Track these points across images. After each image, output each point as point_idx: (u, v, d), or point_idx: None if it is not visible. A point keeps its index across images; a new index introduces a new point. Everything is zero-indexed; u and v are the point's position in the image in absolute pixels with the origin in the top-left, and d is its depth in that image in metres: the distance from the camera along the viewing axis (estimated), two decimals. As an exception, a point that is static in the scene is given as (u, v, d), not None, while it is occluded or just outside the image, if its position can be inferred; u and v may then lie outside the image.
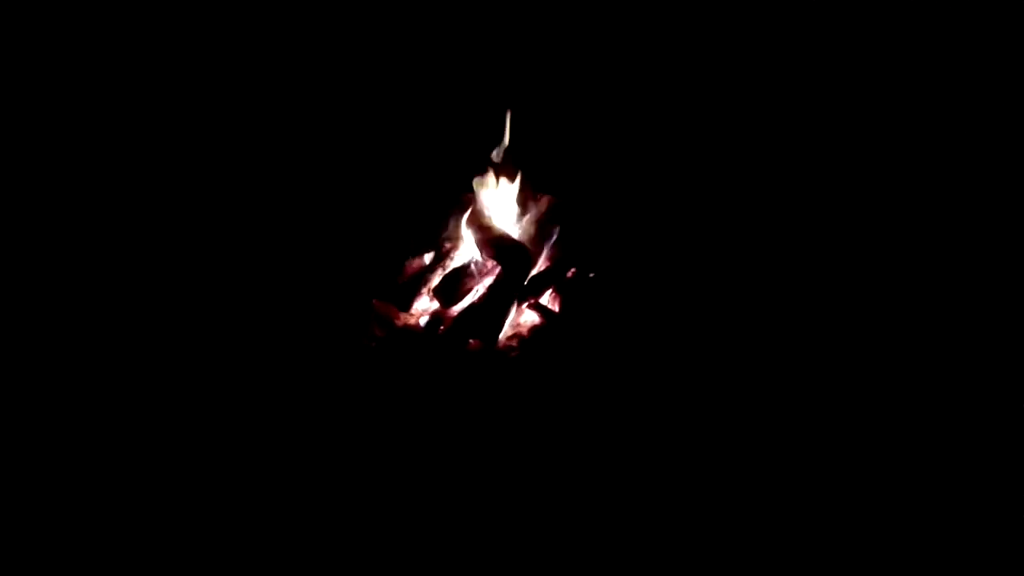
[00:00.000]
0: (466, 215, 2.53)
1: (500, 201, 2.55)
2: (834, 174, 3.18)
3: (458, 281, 2.43)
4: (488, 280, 2.44)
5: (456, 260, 2.52)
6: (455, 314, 2.40)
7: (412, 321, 2.43)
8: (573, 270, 2.48)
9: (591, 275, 2.48)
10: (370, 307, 2.47)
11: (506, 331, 2.37)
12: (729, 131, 3.35)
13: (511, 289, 2.39)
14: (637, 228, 2.83)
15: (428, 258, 2.53)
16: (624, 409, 2.23)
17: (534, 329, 2.39)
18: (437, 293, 2.42)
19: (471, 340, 2.34)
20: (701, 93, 3.45)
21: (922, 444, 2.21)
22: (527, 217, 2.53)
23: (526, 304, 2.42)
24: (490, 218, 2.53)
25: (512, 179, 2.51)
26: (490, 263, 2.45)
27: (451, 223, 2.56)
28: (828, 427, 2.24)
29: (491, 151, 2.53)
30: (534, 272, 2.46)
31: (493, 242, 2.45)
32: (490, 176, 2.51)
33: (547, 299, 2.45)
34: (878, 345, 2.49)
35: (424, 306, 2.46)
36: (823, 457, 2.16)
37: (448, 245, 2.52)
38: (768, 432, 2.21)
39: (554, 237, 2.48)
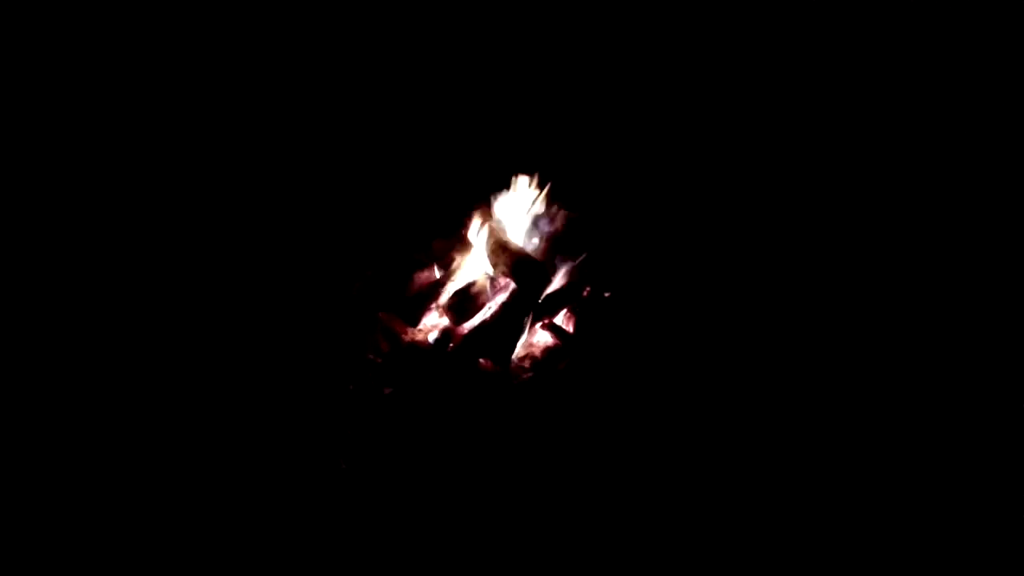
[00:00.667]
0: (480, 228, 2.45)
1: (516, 215, 2.46)
2: (850, 185, 3.15)
3: (470, 297, 2.34)
4: (501, 297, 2.36)
5: (468, 275, 2.42)
6: (466, 331, 2.32)
7: (420, 337, 2.33)
8: (589, 289, 2.40)
9: (607, 295, 2.40)
10: (376, 320, 2.37)
11: (519, 351, 2.29)
12: (743, 146, 3.30)
13: (525, 307, 2.31)
14: (653, 246, 2.76)
15: (438, 271, 2.44)
16: (636, 432, 2.17)
17: (548, 350, 2.31)
18: (448, 309, 2.33)
19: (482, 359, 2.25)
20: (718, 108, 3.40)
21: (922, 444, 2.19)
22: (543, 232, 2.44)
23: (540, 324, 2.34)
24: (505, 232, 2.44)
25: (530, 193, 2.42)
26: (504, 280, 2.37)
27: (464, 236, 2.47)
28: (835, 434, 2.22)
29: (509, 164, 2.46)
30: (549, 290, 2.37)
31: (507, 258, 2.36)
32: (508, 190, 2.43)
33: (562, 319, 2.37)
34: (883, 348, 2.48)
35: (433, 322, 2.37)
36: (829, 463, 2.14)
37: (460, 259, 2.43)
38: (773, 444, 2.19)
39: (579, 257, 2.39)
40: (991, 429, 2.24)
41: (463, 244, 2.46)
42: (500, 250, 2.38)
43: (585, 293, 2.39)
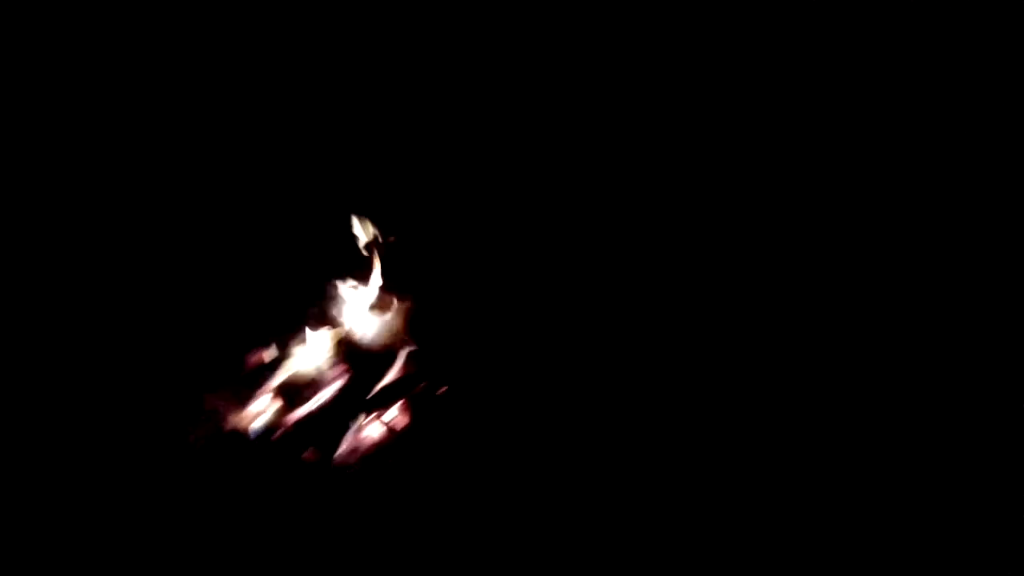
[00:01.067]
0: (318, 310, 2.38)
1: (357, 299, 2.41)
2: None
3: (301, 384, 2.27)
4: (335, 386, 2.29)
5: (301, 360, 2.35)
6: (294, 420, 2.24)
7: (245, 423, 2.24)
8: (425, 383, 2.37)
9: (444, 389, 2.37)
10: (200, 400, 2.27)
11: (347, 445, 2.23)
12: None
13: (358, 399, 2.26)
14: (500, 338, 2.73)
15: (269, 354, 2.35)
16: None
17: (377, 445, 2.26)
18: (277, 395, 2.25)
19: (308, 452, 2.18)
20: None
21: (922, 444, 2.18)
22: (384, 320, 2.40)
23: (371, 417, 2.29)
24: (344, 317, 2.39)
25: (374, 277, 2.39)
26: (338, 367, 2.31)
27: (301, 317, 2.40)
28: (827, 433, 2.21)
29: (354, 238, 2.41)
30: (384, 382, 2.33)
31: (344, 345, 2.31)
32: (351, 273, 2.39)
33: (395, 412, 2.33)
34: (876, 346, 2.45)
35: (261, 407, 2.28)
36: (822, 462, 2.14)
37: (294, 341, 2.36)
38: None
39: (410, 347, 2.36)
40: (991, 429, 2.22)
41: (301, 327, 2.39)
42: (338, 337, 2.33)
43: (420, 388, 2.36)
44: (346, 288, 2.39)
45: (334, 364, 2.31)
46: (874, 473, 2.15)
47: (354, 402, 2.25)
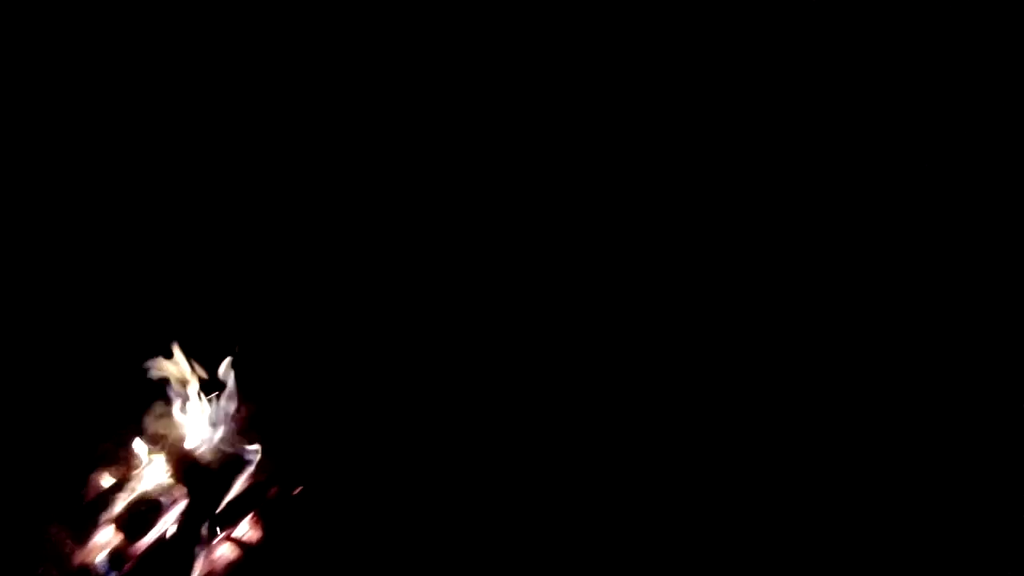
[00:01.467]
0: (151, 430, 2.24)
1: (193, 411, 2.26)
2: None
3: (145, 510, 2.15)
4: (179, 508, 2.17)
5: (144, 483, 2.22)
6: (140, 550, 2.13)
7: (91, 558, 2.13)
8: (275, 489, 2.24)
9: (297, 491, 2.25)
10: (45, 534, 2.16)
11: (199, 570, 2.13)
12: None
13: (203, 519, 2.14)
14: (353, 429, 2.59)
15: (110, 478, 2.22)
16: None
17: (231, 565, 2.15)
18: (120, 524, 2.14)
19: (158, 584, 2.08)
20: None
21: (922, 444, 2.20)
22: (221, 431, 2.25)
23: (221, 536, 2.17)
24: (182, 432, 2.24)
25: (202, 385, 2.23)
26: (179, 488, 2.18)
27: (140, 436, 2.25)
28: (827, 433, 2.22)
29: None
30: (230, 497, 2.20)
31: (180, 463, 2.17)
32: (181, 383, 2.22)
33: (247, 526, 2.21)
34: (876, 346, 2.47)
35: (107, 538, 2.16)
36: (822, 462, 2.15)
37: (136, 464, 2.22)
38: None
39: (251, 455, 2.22)
40: (991, 429, 2.24)
41: (138, 447, 2.25)
42: (175, 455, 2.19)
43: (272, 494, 2.24)
44: (176, 404, 2.24)
45: (174, 485, 2.18)
46: (874, 473, 2.15)
47: (201, 522, 2.14)
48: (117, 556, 2.12)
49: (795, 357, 2.44)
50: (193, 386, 2.25)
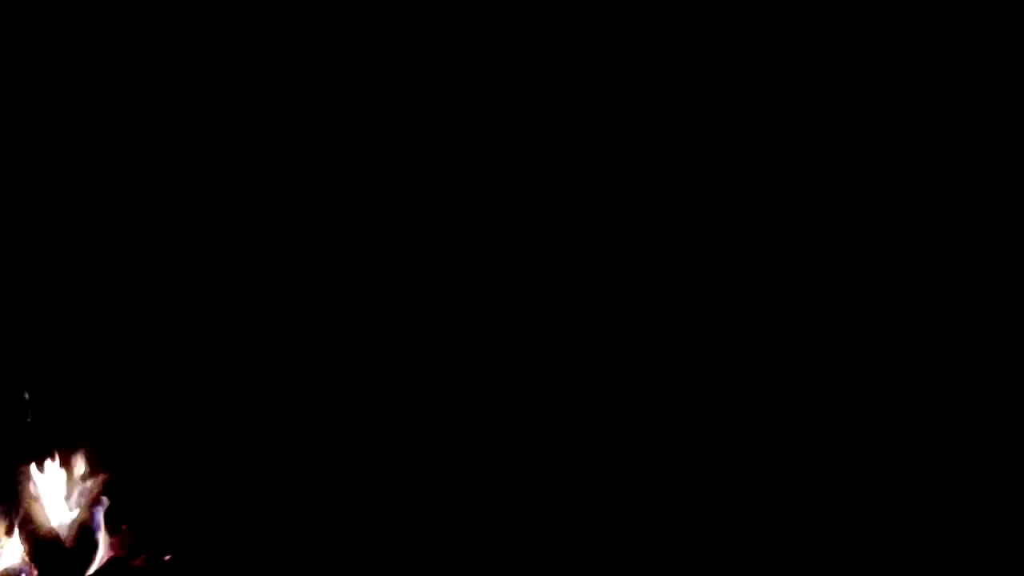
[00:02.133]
0: (16, 500, 2.02)
1: (54, 481, 2.04)
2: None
3: (-2, 597, 1.92)
4: (34, 591, 1.94)
5: (4, 561, 2.00)
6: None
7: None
8: (143, 557, 2.00)
9: (168, 557, 2.01)
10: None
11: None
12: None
13: (61, 602, 1.90)
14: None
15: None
16: None
17: (95, 651, 1.91)
18: (-25, 618, 1.91)
19: None
20: None
21: (922, 444, 2.20)
22: (77, 502, 2.03)
23: (82, 619, 1.93)
24: (41, 506, 2.02)
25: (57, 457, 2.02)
26: (31, 569, 1.95)
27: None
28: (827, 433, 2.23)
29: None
30: (90, 572, 1.97)
31: (34, 540, 1.94)
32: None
33: (113, 603, 1.97)
34: (875, 346, 2.43)
35: (-31, 628, 1.94)
36: (822, 462, 2.17)
37: (-1, 538, 2.00)
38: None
39: (99, 522, 1.98)
40: (991, 429, 2.25)
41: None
42: (27, 530, 1.96)
43: (139, 562, 2.00)
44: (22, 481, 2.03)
45: (28, 565, 1.96)
46: (874, 473, 2.16)
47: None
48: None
49: (795, 357, 2.39)
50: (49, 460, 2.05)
